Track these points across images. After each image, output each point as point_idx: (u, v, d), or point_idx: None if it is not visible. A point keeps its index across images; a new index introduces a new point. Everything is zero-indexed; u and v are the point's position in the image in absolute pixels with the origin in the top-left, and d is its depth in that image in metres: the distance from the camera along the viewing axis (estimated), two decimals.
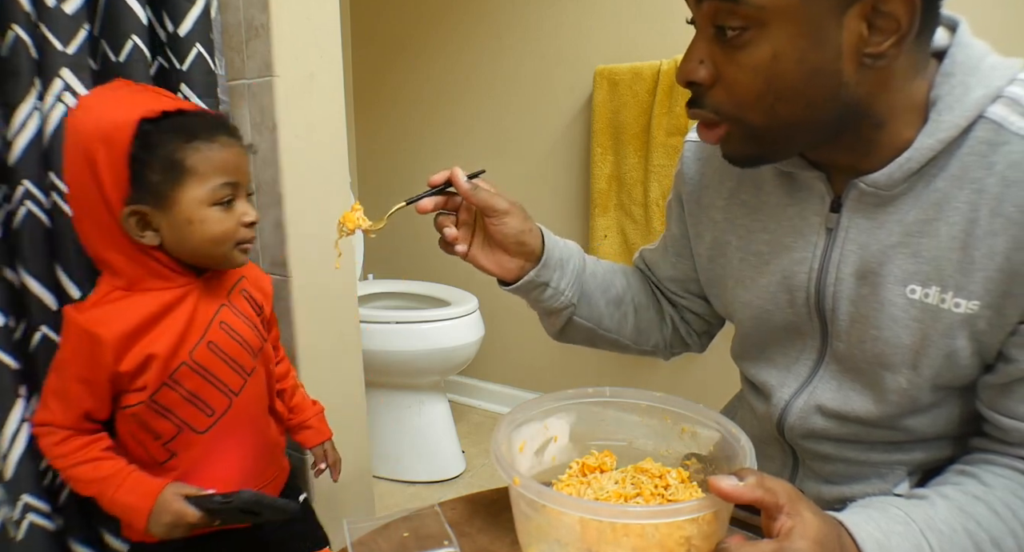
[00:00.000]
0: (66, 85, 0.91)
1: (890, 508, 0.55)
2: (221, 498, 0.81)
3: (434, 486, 1.95)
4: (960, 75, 0.55)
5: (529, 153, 2.21)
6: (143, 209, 0.80)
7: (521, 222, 0.71)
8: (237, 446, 0.91)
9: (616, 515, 0.51)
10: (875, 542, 0.51)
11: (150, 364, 0.82)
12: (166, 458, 0.87)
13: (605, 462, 0.65)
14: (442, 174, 0.70)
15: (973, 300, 0.57)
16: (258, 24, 1.11)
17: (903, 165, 0.57)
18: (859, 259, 0.62)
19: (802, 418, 0.69)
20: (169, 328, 0.83)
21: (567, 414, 0.66)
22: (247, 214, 0.85)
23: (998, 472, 0.59)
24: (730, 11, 0.52)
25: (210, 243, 0.82)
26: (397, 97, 2.47)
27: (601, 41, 2.00)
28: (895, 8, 0.51)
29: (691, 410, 0.64)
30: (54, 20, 0.89)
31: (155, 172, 0.79)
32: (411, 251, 2.55)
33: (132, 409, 0.83)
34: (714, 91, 0.57)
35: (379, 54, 2.48)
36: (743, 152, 0.61)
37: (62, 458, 0.83)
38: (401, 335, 1.84)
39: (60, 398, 0.83)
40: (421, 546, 0.65)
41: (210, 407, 0.87)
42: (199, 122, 0.83)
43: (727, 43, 0.54)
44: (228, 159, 0.83)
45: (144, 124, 0.78)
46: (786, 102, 0.54)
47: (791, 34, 0.52)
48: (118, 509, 0.82)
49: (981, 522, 0.55)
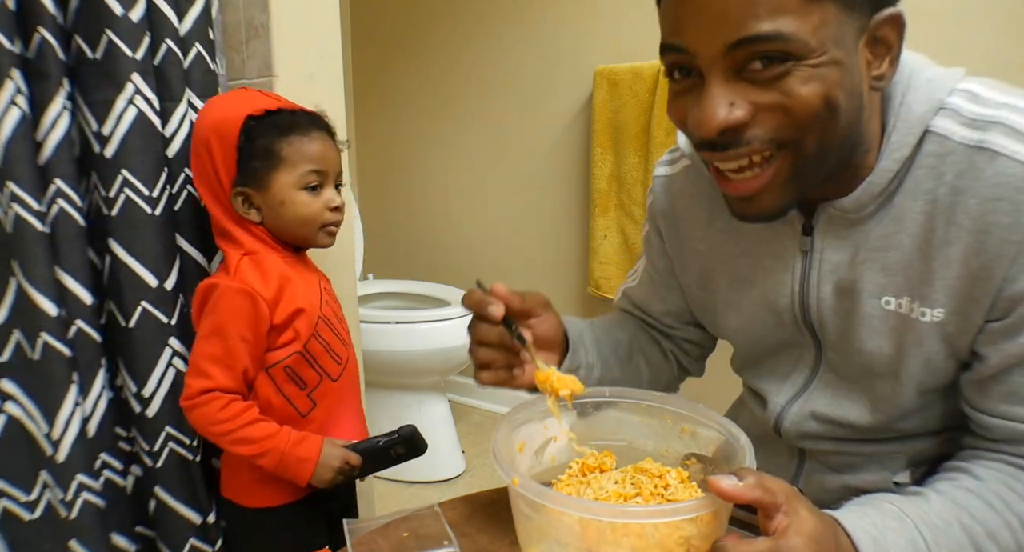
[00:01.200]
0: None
1: (884, 504, 0.56)
2: (383, 437, 0.94)
3: (434, 486, 1.95)
4: (899, 95, 0.58)
5: (529, 153, 2.21)
6: (247, 191, 0.95)
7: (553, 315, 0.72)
8: (353, 401, 1.06)
9: (616, 515, 0.51)
10: (871, 538, 0.52)
11: (298, 317, 0.95)
12: (309, 409, 0.98)
13: (605, 462, 0.65)
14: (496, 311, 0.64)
15: (937, 308, 0.59)
16: (258, 24, 1.11)
17: (867, 190, 0.59)
18: (836, 277, 0.64)
19: (796, 424, 0.71)
20: (303, 286, 0.97)
21: (566, 414, 0.66)
22: (333, 200, 0.98)
23: (990, 466, 0.60)
24: (772, 47, 0.50)
25: (299, 223, 0.96)
26: (397, 97, 2.47)
27: (601, 41, 1.99)
28: (887, 33, 0.54)
29: (691, 410, 0.64)
30: None
31: (256, 160, 0.94)
32: (411, 251, 2.55)
33: (285, 361, 0.95)
34: (762, 120, 0.53)
35: (379, 54, 2.48)
36: (779, 200, 0.57)
37: (231, 421, 0.91)
38: (401, 335, 1.84)
39: (220, 363, 0.92)
40: (421, 546, 0.65)
41: (338, 356, 1.01)
42: (294, 119, 0.96)
43: (761, 76, 0.52)
44: (317, 150, 0.96)
45: (249, 120, 0.93)
46: (836, 122, 0.53)
47: (828, 61, 0.51)
48: (289, 462, 0.92)
49: (975, 515, 0.55)
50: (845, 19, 0.51)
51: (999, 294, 0.56)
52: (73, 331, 0.96)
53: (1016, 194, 0.53)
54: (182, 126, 1.04)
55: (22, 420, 0.94)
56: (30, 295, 0.90)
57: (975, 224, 0.55)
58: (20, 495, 0.95)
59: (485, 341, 0.66)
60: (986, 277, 0.55)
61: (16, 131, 0.87)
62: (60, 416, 0.93)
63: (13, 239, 0.89)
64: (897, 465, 0.69)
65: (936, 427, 0.68)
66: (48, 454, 0.94)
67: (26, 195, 0.88)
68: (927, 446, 0.69)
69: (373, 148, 2.57)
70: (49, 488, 0.96)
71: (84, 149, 0.98)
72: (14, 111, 0.87)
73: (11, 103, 0.86)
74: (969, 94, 0.57)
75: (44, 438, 0.94)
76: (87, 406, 0.98)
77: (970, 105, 0.56)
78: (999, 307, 0.56)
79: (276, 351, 0.94)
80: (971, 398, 0.62)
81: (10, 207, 0.88)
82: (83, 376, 0.97)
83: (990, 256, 0.55)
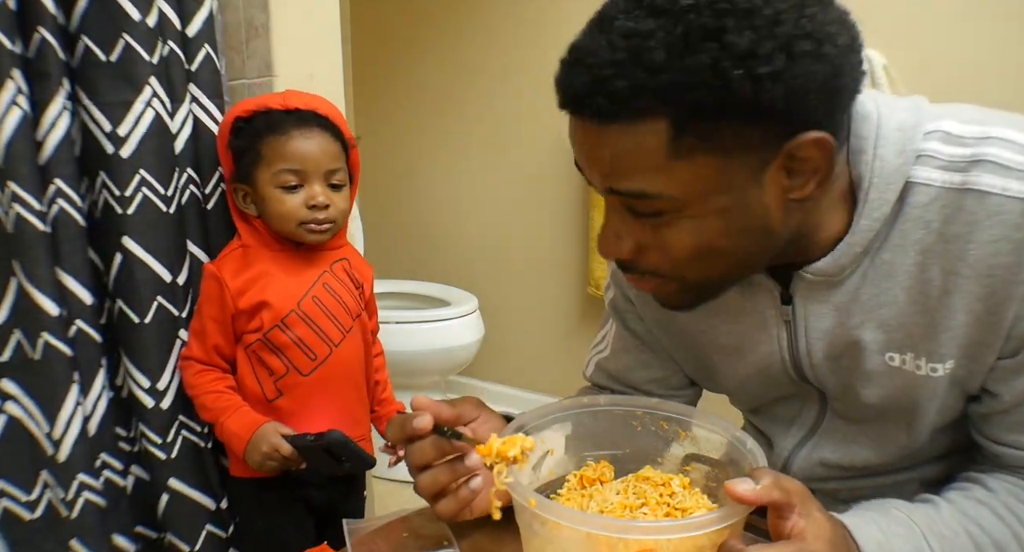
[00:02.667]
0: None
1: (892, 510, 0.56)
2: (313, 437, 0.94)
3: None
4: (870, 149, 0.54)
5: (529, 153, 2.21)
6: (241, 186, 1.02)
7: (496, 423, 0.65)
8: (333, 399, 1.07)
9: (648, 532, 0.47)
10: (876, 544, 0.51)
11: (263, 308, 1.00)
12: (275, 396, 1.03)
13: (604, 473, 0.63)
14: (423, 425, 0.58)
15: (948, 361, 0.57)
16: (258, 24, 1.11)
17: (847, 252, 0.56)
18: (826, 344, 0.61)
19: (804, 470, 0.70)
20: (279, 281, 1.02)
21: (562, 425, 0.64)
22: (313, 198, 0.99)
23: (1003, 478, 0.59)
24: (642, 204, 0.51)
25: (277, 219, 1.01)
26: (397, 97, 2.47)
27: None
28: (810, 153, 0.49)
29: (689, 415, 0.62)
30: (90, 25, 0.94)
31: (243, 158, 1.00)
32: (411, 251, 2.55)
33: (251, 345, 1.01)
34: (646, 257, 0.55)
35: (379, 54, 2.48)
36: (680, 302, 0.60)
37: (196, 387, 1.02)
38: (401, 335, 1.84)
39: (197, 336, 1.02)
40: (421, 546, 0.65)
41: (313, 352, 1.03)
42: (278, 119, 0.99)
43: (644, 221, 0.52)
44: (295, 150, 0.98)
45: (238, 121, 1.00)
46: (721, 258, 0.53)
47: (711, 208, 0.50)
48: (226, 435, 0.99)
49: (984, 525, 0.55)
50: (729, 165, 0.48)
51: (1011, 333, 0.54)
52: (73, 331, 0.96)
53: (1015, 232, 0.51)
54: (184, 126, 1.05)
55: (23, 420, 0.94)
56: (31, 295, 0.90)
57: (975, 270, 0.53)
58: (21, 495, 0.95)
59: (423, 462, 0.58)
60: (995, 321, 0.54)
61: (17, 131, 0.87)
62: (61, 416, 0.93)
63: (14, 239, 0.89)
64: (912, 491, 0.67)
65: (947, 451, 0.67)
66: (49, 454, 0.94)
67: (27, 195, 0.89)
68: (939, 469, 0.68)
69: (373, 148, 2.57)
70: (50, 488, 0.96)
71: (89, 149, 0.98)
72: (15, 111, 0.87)
73: (12, 103, 0.86)
74: (943, 134, 0.54)
75: (45, 438, 0.94)
76: (88, 406, 0.98)
77: (947, 148, 0.54)
78: (1010, 346, 0.55)
79: (247, 334, 1.02)
80: (982, 428, 0.61)
81: (11, 207, 0.88)
82: (84, 376, 0.97)
83: (998, 299, 0.53)
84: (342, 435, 0.93)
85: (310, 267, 1.05)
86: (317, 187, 1.00)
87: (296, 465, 0.98)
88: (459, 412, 0.63)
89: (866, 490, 0.69)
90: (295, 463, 0.97)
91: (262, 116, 0.99)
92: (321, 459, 0.96)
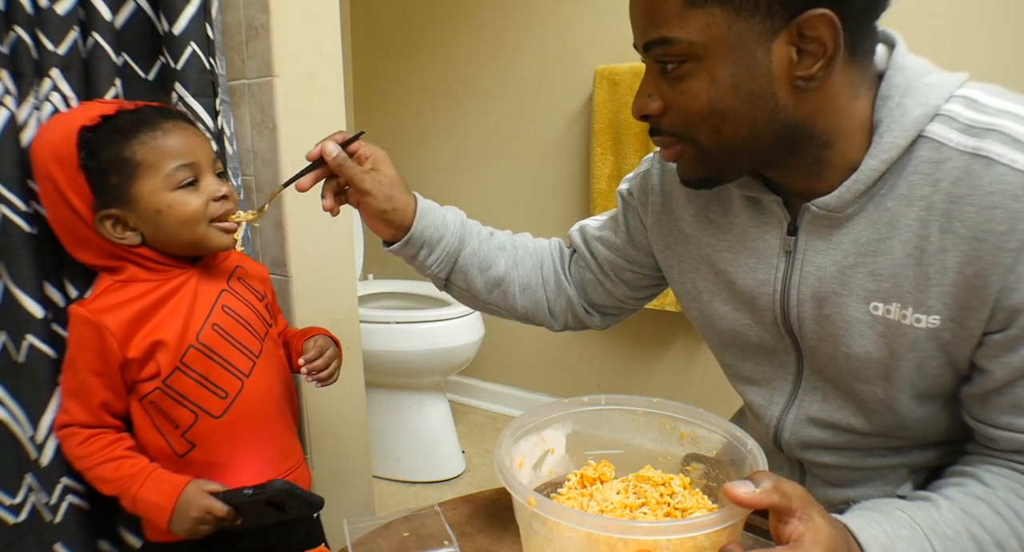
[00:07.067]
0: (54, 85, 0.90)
1: (894, 511, 0.56)
2: (252, 490, 0.81)
3: (434, 486, 1.95)
4: (897, 96, 0.57)
5: (529, 153, 2.21)
6: (114, 212, 0.83)
7: (383, 201, 0.76)
8: (254, 436, 0.92)
9: (648, 532, 0.48)
10: (880, 546, 0.51)
11: (158, 349, 0.84)
12: (186, 450, 0.88)
13: (604, 472, 0.64)
14: (316, 149, 0.72)
15: (933, 315, 0.58)
16: (258, 24, 1.11)
17: (851, 187, 0.59)
18: (817, 280, 0.63)
19: (795, 432, 0.71)
20: (173, 313, 0.86)
21: (563, 425, 0.65)
22: (215, 190, 0.86)
23: (998, 472, 0.59)
24: (666, 50, 0.57)
25: (183, 226, 0.84)
26: (397, 97, 2.47)
27: (601, 41, 1.99)
28: (820, 32, 0.53)
29: (690, 415, 0.63)
30: (47, 22, 0.89)
31: (110, 174, 0.82)
32: None
33: (148, 397, 0.85)
34: (666, 118, 0.61)
35: (379, 54, 2.48)
36: (696, 173, 0.64)
37: (86, 458, 0.85)
38: (401, 335, 1.84)
39: (76, 396, 0.85)
40: (421, 546, 0.65)
41: (222, 390, 0.89)
42: (137, 117, 0.84)
43: (669, 75, 0.59)
44: (177, 143, 0.84)
45: (85, 132, 0.82)
46: (730, 123, 0.58)
47: (724, 63, 0.56)
48: (141, 507, 0.83)
49: (984, 523, 0.55)
50: (737, 22, 0.54)
51: (997, 304, 0.55)
52: (54, 333, 0.93)
53: (1013, 202, 0.52)
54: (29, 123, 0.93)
55: (8, 423, 0.92)
56: (16, 296, 0.88)
57: (971, 232, 0.54)
58: (5, 499, 0.93)
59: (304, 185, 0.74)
60: (982, 286, 0.55)
61: (4, 132, 0.85)
62: (45, 419, 0.91)
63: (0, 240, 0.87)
64: (900, 478, 0.69)
65: (938, 438, 0.67)
66: (33, 457, 0.92)
67: (13, 196, 0.87)
68: (929, 458, 0.68)
69: None
70: (34, 491, 0.94)
71: None
72: (2, 111, 0.85)
73: None
74: (968, 100, 0.57)
75: (29, 441, 0.91)
76: None
77: (968, 111, 0.56)
78: (999, 318, 0.56)
79: (142, 383, 0.85)
80: (974, 410, 0.61)
81: None
82: None
83: (985, 264, 0.54)
84: (285, 483, 0.80)
85: (207, 286, 0.90)
86: (211, 179, 0.87)
87: (232, 522, 0.83)
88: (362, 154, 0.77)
89: (856, 474, 0.70)
90: (232, 521, 0.83)
91: (116, 119, 0.83)
92: (262, 512, 0.83)
